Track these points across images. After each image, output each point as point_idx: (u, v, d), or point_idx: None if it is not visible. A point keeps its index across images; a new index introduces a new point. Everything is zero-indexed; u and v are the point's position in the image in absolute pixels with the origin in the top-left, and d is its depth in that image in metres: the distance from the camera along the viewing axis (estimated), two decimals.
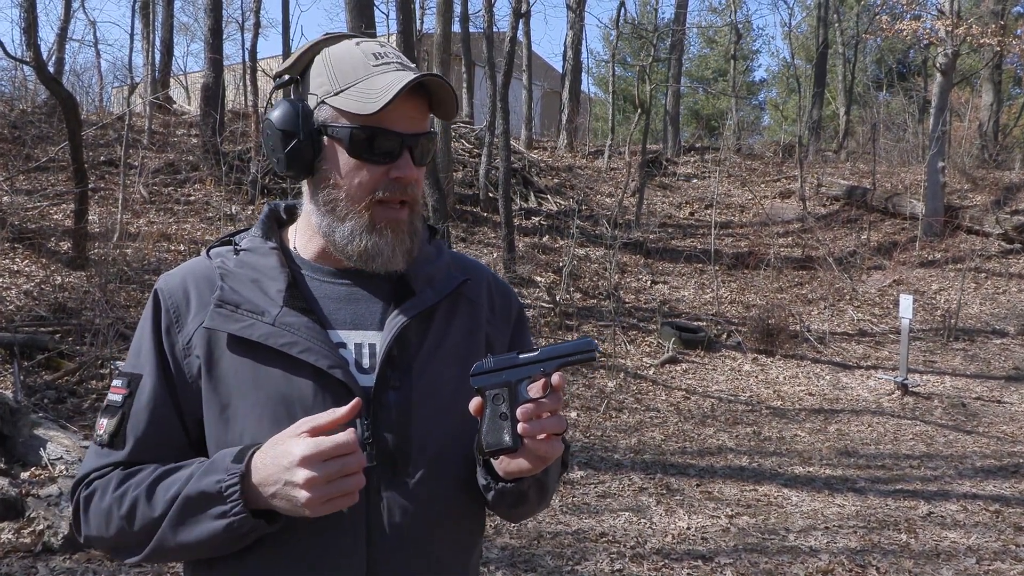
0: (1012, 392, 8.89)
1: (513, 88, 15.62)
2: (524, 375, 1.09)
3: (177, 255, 9.73)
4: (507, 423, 1.07)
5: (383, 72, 1.15)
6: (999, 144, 18.92)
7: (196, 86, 18.71)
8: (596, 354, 1.11)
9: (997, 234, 13.65)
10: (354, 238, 1.17)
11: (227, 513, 1.05)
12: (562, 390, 1.09)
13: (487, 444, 1.08)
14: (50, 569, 3.79)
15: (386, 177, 1.16)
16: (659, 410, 8.05)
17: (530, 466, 1.09)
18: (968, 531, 5.03)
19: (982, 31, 13.68)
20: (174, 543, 1.09)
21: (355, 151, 1.16)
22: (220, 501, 1.05)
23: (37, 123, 13.09)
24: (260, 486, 1.04)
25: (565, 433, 1.10)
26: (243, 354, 1.16)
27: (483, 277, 1.35)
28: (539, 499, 1.23)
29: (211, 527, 1.06)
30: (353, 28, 10.15)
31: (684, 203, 16.42)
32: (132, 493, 1.11)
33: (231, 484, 1.05)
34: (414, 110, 1.17)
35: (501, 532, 4.75)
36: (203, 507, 1.07)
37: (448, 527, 1.21)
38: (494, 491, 1.16)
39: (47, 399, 6.15)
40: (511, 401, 1.08)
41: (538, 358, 1.09)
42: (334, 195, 1.18)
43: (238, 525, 1.05)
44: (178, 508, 1.08)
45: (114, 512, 1.12)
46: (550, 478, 1.22)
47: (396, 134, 1.15)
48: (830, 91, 25.58)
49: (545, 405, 1.06)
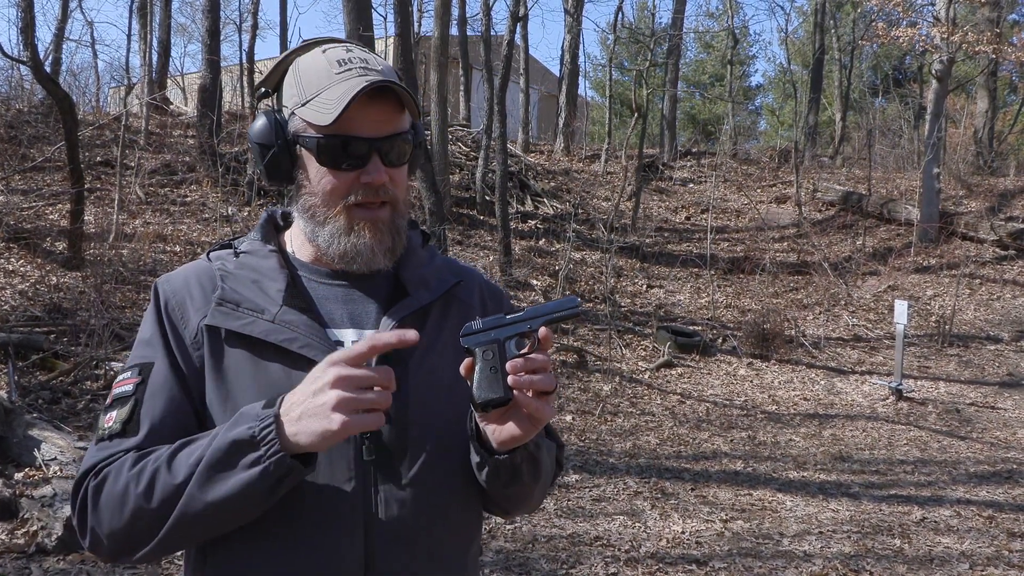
0: (1006, 398, 8.92)
1: (510, 91, 15.65)
2: (511, 332, 1.12)
3: (173, 256, 9.72)
4: (498, 376, 1.09)
5: (343, 80, 1.17)
6: (994, 151, 18.99)
7: (193, 87, 18.71)
8: (580, 310, 1.13)
9: (992, 240, 13.70)
10: (333, 241, 1.21)
11: (262, 458, 1.02)
12: (549, 344, 1.11)
13: (479, 397, 1.09)
14: (44, 570, 3.78)
15: (357, 182, 1.18)
16: (654, 414, 8.06)
17: (522, 432, 1.11)
18: (961, 536, 5.04)
19: (978, 38, 13.71)
20: (201, 504, 1.05)
21: (323, 160, 1.18)
22: (253, 447, 1.03)
23: (33, 123, 13.06)
24: (288, 413, 1.03)
25: (555, 393, 1.11)
26: (243, 350, 1.18)
27: (474, 280, 1.38)
28: (532, 480, 1.22)
29: (244, 477, 1.03)
30: (351, 30, 10.16)
31: (680, 207, 16.45)
32: (151, 467, 1.08)
33: (265, 427, 1.03)
34: (380, 113, 1.18)
35: (496, 536, 4.75)
36: (235, 457, 1.04)
37: (446, 520, 1.22)
38: (488, 467, 1.17)
39: (42, 399, 6.13)
40: (500, 357, 1.10)
41: (525, 316, 1.13)
42: (312, 202, 1.21)
43: (274, 468, 1.02)
44: (207, 464, 1.05)
45: (131, 490, 1.08)
46: (543, 458, 1.23)
47: (362, 140, 1.17)
48: (826, 97, 25.66)
49: (533, 360, 1.08)
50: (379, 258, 1.22)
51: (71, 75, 22.52)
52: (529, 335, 1.12)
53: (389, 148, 1.19)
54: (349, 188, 1.19)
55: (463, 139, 16.59)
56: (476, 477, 1.22)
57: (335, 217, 1.20)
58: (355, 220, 1.20)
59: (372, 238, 1.20)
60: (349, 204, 1.19)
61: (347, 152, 1.17)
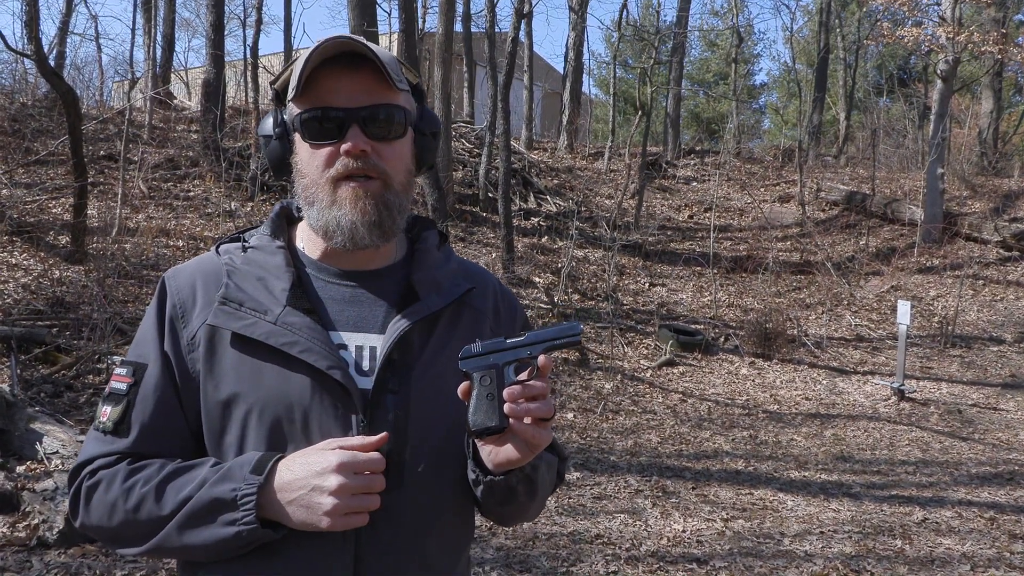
0: (1008, 399, 8.90)
1: (514, 88, 15.63)
2: (511, 358, 1.11)
3: (176, 251, 9.72)
4: (494, 403, 1.08)
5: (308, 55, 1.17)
6: (999, 151, 18.96)
7: (197, 82, 18.73)
8: (581, 338, 1.13)
9: (995, 241, 13.68)
10: (319, 216, 1.19)
11: (237, 521, 1.07)
12: (548, 373, 1.10)
13: (474, 423, 1.09)
14: (45, 563, 3.79)
15: (337, 153, 1.17)
16: (656, 413, 8.06)
17: (519, 455, 1.10)
18: (963, 538, 5.03)
19: (983, 38, 13.69)
20: (178, 544, 1.11)
21: (305, 134, 1.19)
22: (232, 508, 1.07)
23: (37, 117, 13.07)
24: (281, 491, 1.07)
25: (553, 419, 1.11)
26: (245, 351, 1.16)
27: (488, 285, 1.35)
28: (528, 499, 1.21)
29: (219, 533, 1.08)
30: (355, 26, 10.16)
31: (683, 206, 16.43)
32: (141, 489, 1.12)
33: (247, 493, 1.07)
34: (358, 84, 1.17)
35: (496, 533, 4.75)
36: (214, 513, 1.08)
37: (439, 529, 1.21)
38: (483, 485, 1.16)
39: (44, 393, 6.13)
40: (498, 383, 1.09)
41: (525, 342, 1.11)
42: (304, 183, 1.21)
43: (247, 534, 1.07)
44: (188, 511, 1.09)
45: (120, 505, 1.12)
46: (540, 479, 1.21)
47: (339, 110, 1.17)
48: (831, 96, 25.60)
49: (531, 387, 1.07)
50: (361, 232, 1.17)
51: (75, 69, 22.56)
52: (528, 361, 1.10)
53: (369, 118, 1.17)
54: (332, 159, 1.18)
55: (467, 136, 16.57)
56: (471, 489, 1.21)
57: (321, 192, 1.19)
58: (338, 191, 1.18)
59: (354, 209, 1.17)
60: (333, 176, 1.18)
61: (324, 123, 1.17)
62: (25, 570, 3.70)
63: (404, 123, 1.21)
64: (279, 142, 1.23)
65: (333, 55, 1.16)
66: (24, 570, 3.70)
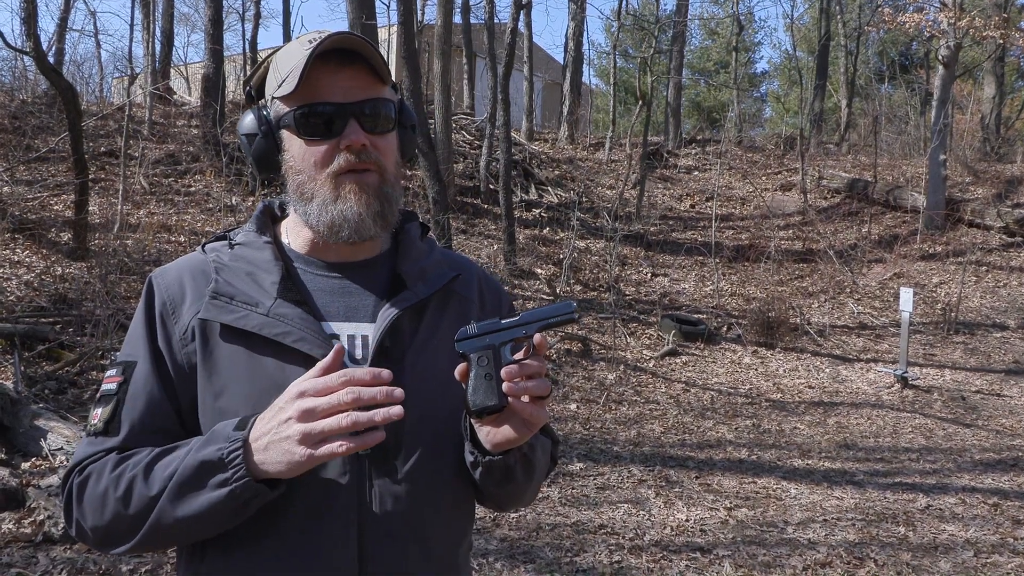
0: (1012, 385, 8.90)
1: (514, 79, 15.60)
2: (507, 338, 1.11)
3: (177, 246, 9.73)
4: (492, 383, 1.09)
5: (310, 52, 1.17)
6: (1001, 137, 18.90)
7: (196, 76, 18.70)
8: (576, 316, 1.13)
9: (998, 227, 13.64)
10: (322, 213, 1.19)
11: (228, 480, 1.04)
12: (544, 351, 1.11)
13: (474, 403, 1.09)
14: (51, 559, 3.81)
15: (338, 148, 1.18)
16: (659, 402, 8.06)
17: (516, 434, 1.11)
18: (966, 524, 5.04)
19: (985, 23, 13.62)
20: (172, 518, 1.08)
21: (301, 131, 1.19)
22: (221, 468, 1.05)
23: (37, 113, 13.06)
24: (256, 441, 1.04)
25: (549, 398, 1.12)
26: (237, 344, 1.17)
27: (472, 273, 1.38)
28: (526, 480, 1.23)
29: (212, 497, 1.05)
30: (354, 19, 10.13)
31: (685, 195, 16.40)
32: (129, 473, 1.11)
33: (233, 450, 1.05)
34: (352, 80, 1.18)
35: (500, 524, 4.76)
36: (204, 477, 1.06)
37: (439, 516, 1.22)
38: (481, 466, 1.17)
39: (48, 390, 6.15)
40: (495, 363, 1.10)
41: (520, 321, 1.12)
42: (299, 180, 1.21)
43: (240, 491, 1.04)
44: (177, 481, 1.07)
45: (110, 494, 1.11)
46: (536, 459, 1.23)
47: (335, 105, 1.17)
48: (832, 83, 25.51)
49: (528, 366, 1.08)
50: (368, 223, 1.19)
51: (74, 65, 22.57)
52: (524, 340, 1.11)
53: (366, 112, 1.19)
54: (331, 155, 1.18)
55: (467, 128, 16.54)
56: (469, 473, 1.22)
57: (321, 188, 1.19)
58: (341, 186, 1.18)
59: (359, 202, 1.18)
60: (334, 172, 1.18)
61: (324, 119, 1.18)
62: (31, 566, 3.72)
63: (393, 116, 1.23)
64: (264, 140, 1.23)
65: (328, 50, 1.17)
66: (30, 566, 3.72)
